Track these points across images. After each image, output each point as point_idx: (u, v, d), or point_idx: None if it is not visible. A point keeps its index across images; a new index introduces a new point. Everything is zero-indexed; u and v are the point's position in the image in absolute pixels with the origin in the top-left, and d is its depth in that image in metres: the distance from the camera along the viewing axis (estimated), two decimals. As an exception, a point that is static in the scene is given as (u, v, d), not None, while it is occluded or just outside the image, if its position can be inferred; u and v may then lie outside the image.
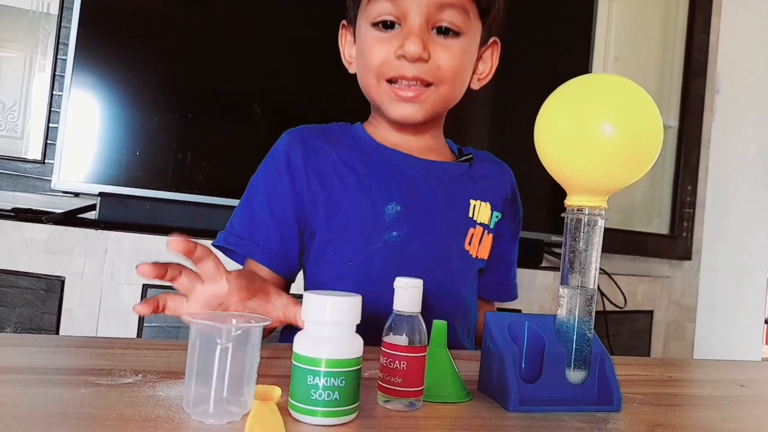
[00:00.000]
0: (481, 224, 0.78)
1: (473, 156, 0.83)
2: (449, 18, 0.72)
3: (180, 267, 0.53)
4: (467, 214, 0.78)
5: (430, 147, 0.80)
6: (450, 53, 0.72)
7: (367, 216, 0.73)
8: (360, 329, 0.43)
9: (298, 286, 0.79)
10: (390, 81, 0.73)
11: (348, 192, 0.74)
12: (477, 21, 0.75)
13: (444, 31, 0.72)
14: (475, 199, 0.78)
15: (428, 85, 0.73)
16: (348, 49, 0.81)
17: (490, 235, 0.80)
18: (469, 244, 0.78)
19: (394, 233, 0.73)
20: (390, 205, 0.73)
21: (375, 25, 0.72)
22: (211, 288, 0.54)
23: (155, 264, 0.51)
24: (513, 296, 0.88)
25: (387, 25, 0.72)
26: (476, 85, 0.81)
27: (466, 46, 0.74)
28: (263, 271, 0.73)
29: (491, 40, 0.80)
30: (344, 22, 0.81)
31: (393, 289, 0.47)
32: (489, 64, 0.81)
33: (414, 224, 0.74)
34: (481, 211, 0.79)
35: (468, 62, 0.76)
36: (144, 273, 0.50)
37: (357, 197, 0.73)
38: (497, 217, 0.81)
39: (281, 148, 0.76)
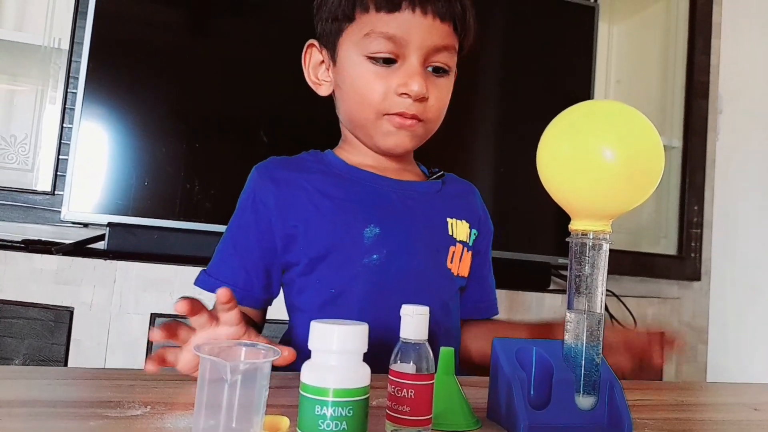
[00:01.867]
0: (460, 242, 0.78)
1: (444, 173, 0.84)
2: (443, 59, 0.74)
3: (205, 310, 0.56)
4: (446, 232, 0.78)
5: (404, 168, 0.81)
6: (440, 92, 0.75)
7: (346, 241, 0.72)
8: None
9: (277, 313, 0.79)
10: (386, 114, 0.73)
11: (325, 218, 0.73)
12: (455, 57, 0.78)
13: (435, 70, 0.74)
14: (452, 218, 0.79)
15: (420, 120, 0.74)
16: (317, 70, 0.80)
17: (470, 253, 0.80)
18: (451, 262, 0.77)
19: (374, 256, 0.72)
20: (368, 228, 0.73)
21: (372, 59, 0.72)
22: (229, 331, 0.57)
23: (191, 301, 0.53)
24: (493, 311, 0.87)
25: (385, 60, 0.72)
26: None
27: (450, 83, 0.77)
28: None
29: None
30: (314, 41, 0.80)
31: (377, 313, 0.47)
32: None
33: (393, 245, 0.73)
34: (459, 229, 0.79)
35: (449, 98, 0.78)
36: (181, 310, 0.52)
37: (333, 223, 0.73)
38: (475, 234, 0.81)
39: (249, 186, 0.76)
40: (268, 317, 0.80)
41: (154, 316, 1.24)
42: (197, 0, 1.49)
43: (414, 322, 0.47)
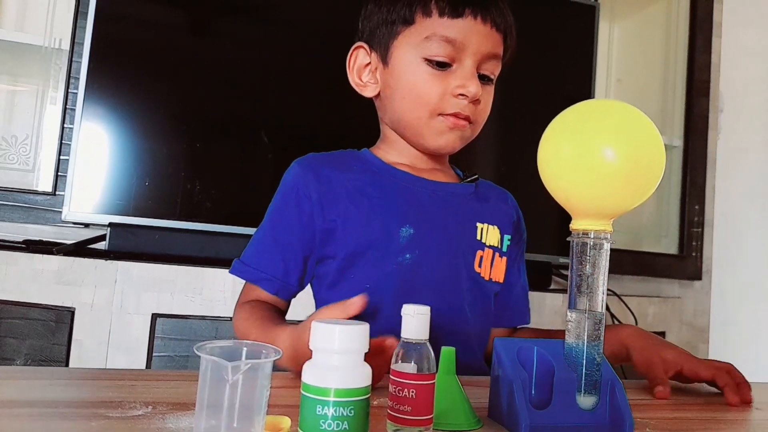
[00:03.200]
0: (490, 246, 0.79)
1: (478, 177, 0.85)
2: (492, 68, 0.77)
3: None
4: (475, 236, 0.79)
5: (439, 169, 0.83)
6: (488, 97, 0.78)
7: (382, 239, 0.75)
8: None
9: (298, 311, 0.79)
10: (440, 114, 0.75)
11: (362, 217, 0.75)
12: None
13: (482, 78, 0.77)
14: (482, 222, 0.80)
15: (470, 121, 0.77)
16: (362, 72, 0.81)
17: (503, 258, 0.81)
18: (479, 266, 0.78)
19: (407, 255, 0.74)
20: (404, 228, 0.75)
21: (429, 61, 0.74)
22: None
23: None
24: (520, 320, 0.88)
25: (442, 64, 0.74)
26: None
27: (492, 92, 0.80)
28: (266, 296, 0.76)
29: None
30: (362, 44, 0.81)
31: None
32: None
33: (425, 246, 0.75)
34: (490, 234, 0.80)
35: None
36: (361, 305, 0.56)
37: (371, 221, 0.75)
38: (508, 239, 0.82)
39: (290, 179, 0.78)
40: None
41: (155, 316, 1.24)
42: (198, 1, 1.49)
43: (415, 321, 0.47)
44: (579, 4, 1.79)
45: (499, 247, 0.81)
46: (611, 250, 0.52)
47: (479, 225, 0.79)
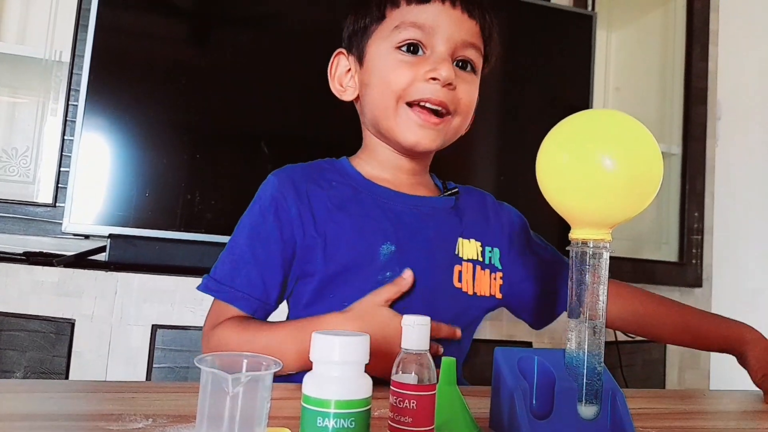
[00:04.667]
0: (469, 260, 0.77)
1: (458, 189, 0.83)
2: (470, 54, 0.75)
3: None
4: (453, 251, 0.77)
5: (420, 182, 0.81)
6: (469, 86, 0.76)
7: (364, 258, 0.72)
8: None
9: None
10: (409, 105, 0.73)
11: (344, 234, 0.73)
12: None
13: (463, 66, 0.75)
14: (462, 237, 0.78)
15: (445, 114, 0.74)
16: (342, 78, 0.80)
17: (487, 271, 0.78)
18: (459, 281, 0.76)
19: (388, 273, 0.72)
20: (385, 245, 0.73)
21: (399, 48, 0.73)
22: None
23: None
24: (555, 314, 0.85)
25: (411, 50, 0.73)
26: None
27: (476, 83, 0.77)
28: (241, 316, 0.72)
29: None
30: (342, 49, 0.81)
31: None
32: None
33: (405, 263, 0.73)
34: (466, 248, 0.77)
35: (476, 100, 0.78)
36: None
37: (352, 239, 0.73)
38: (490, 251, 0.79)
39: (269, 192, 0.75)
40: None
41: (155, 328, 1.24)
42: (197, 12, 1.50)
43: (416, 332, 0.47)
44: (576, 13, 1.81)
45: (479, 259, 0.78)
46: (611, 257, 0.52)
47: (460, 239, 0.77)
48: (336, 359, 0.41)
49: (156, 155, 1.40)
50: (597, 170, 0.49)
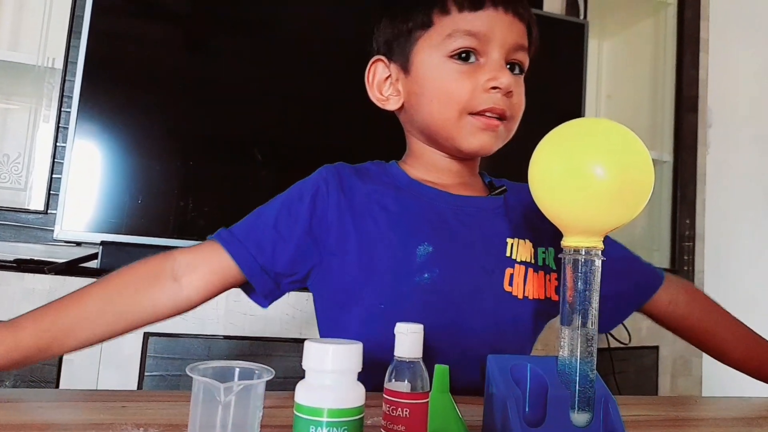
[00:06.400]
0: (522, 263, 0.74)
1: (506, 188, 0.81)
2: (521, 57, 0.75)
3: None
4: (504, 253, 0.74)
5: (467, 183, 0.79)
6: (520, 89, 0.75)
7: (398, 257, 0.70)
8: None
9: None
10: (471, 114, 0.72)
11: (380, 231, 0.71)
12: None
13: (512, 68, 0.74)
14: (512, 237, 0.75)
15: (503, 119, 0.73)
16: (382, 86, 0.78)
17: (541, 273, 0.75)
18: (510, 284, 0.73)
19: (426, 275, 0.70)
20: (421, 246, 0.71)
21: (454, 57, 0.72)
22: None
23: None
24: (658, 282, 0.89)
25: (463, 57, 0.72)
26: None
27: (524, 85, 0.77)
28: (238, 273, 0.70)
29: None
30: (380, 57, 0.78)
31: (426, 331, 0.47)
32: None
33: (446, 265, 0.71)
34: (520, 249, 0.75)
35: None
36: None
37: (388, 237, 0.71)
38: (543, 252, 0.76)
39: (315, 177, 0.74)
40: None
41: (147, 335, 1.23)
42: (191, 19, 1.51)
43: (408, 340, 0.47)
44: (568, 21, 1.82)
45: (532, 261, 0.74)
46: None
47: (509, 240, 0.74)
48: (329, 368, 0.41)
49: (148, 162, 1.39)
50: (589, 178, 0.49)
